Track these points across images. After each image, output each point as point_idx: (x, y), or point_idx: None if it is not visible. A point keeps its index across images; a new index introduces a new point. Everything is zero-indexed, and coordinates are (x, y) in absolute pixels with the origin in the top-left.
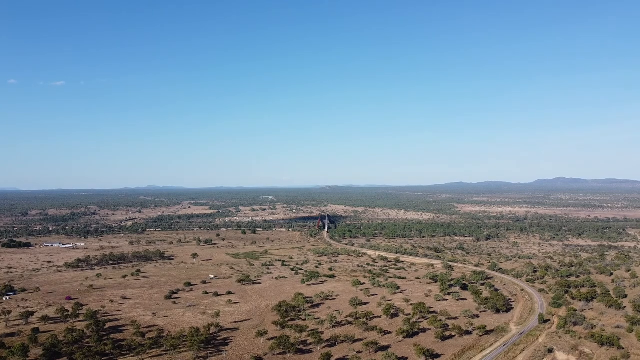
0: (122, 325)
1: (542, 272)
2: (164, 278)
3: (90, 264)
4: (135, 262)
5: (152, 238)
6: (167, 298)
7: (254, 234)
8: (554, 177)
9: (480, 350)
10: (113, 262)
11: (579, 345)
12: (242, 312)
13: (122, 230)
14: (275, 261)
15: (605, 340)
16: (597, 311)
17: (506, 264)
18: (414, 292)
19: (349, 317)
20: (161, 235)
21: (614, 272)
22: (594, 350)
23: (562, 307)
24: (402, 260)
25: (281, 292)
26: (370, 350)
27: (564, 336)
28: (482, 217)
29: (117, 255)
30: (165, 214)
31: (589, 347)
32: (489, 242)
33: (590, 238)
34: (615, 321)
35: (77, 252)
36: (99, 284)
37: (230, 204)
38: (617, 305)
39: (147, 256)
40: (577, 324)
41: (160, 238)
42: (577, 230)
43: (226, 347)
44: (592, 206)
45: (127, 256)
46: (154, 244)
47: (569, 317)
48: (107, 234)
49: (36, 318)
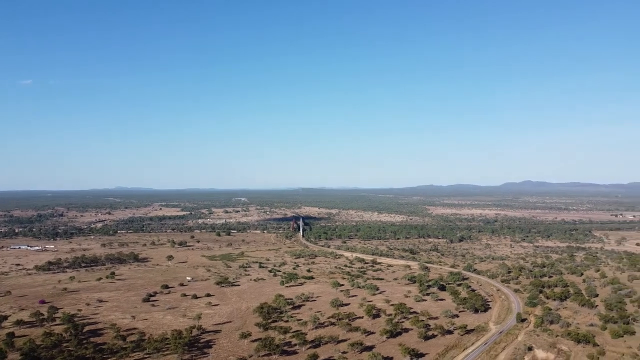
0: (101, 329)
1: (516, 273)
2: (140, 280)
3: (62, 267)
4: (109, 265)
5: (124, 240)
6: (145, 301)
7: (229, 235)
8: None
9: (462, 349)
10: (85, 264)
11: (556, 343)
12: (223, 314)
13: (93, 232)
14: (252, 263)
15: (582, 337)
16: (571, 310)
17: (481, 265)
18: (393, 293)
19: (331, 318)
20: (133, 237)
21: (584, 272)
22: (571, 348)
23: (537, 306)
24: (379, 262)
25: (261, 293)
26: (356, 350)
27: (542, 334)
28: (454, 219)
29: (89, 258)
30: (136, 216)
31: (566, 344)
32: (462, 243)
33: (558, 240)
34: (588, 319)
35: (46, 254)
36: (73, 287)
37: (203, 205)
38: (590, 304)
39: (120, 258)
40: (553, 322)
41: (133, 240)
42: (545, 232)
43: (210, 349)
44: (558, 209)
45: (100, 258)
46: (127, 246)
47: (545, 316)
48: (77, 236)
49: (10, 322)
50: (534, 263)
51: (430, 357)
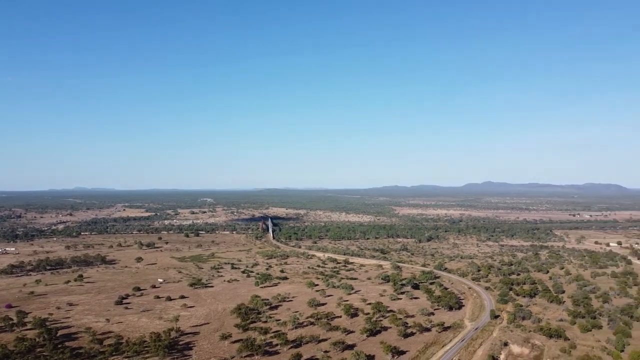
0: (75, 333)
1: (485, 271)
2: (110, 283)
3: (25, 270)
4: (75, 267)
5: (89, 242)
6: (117, 303)
7: (198, 237)
8: (483, 182)
9: (441, 345)
10: (51, 267)
11: (530, 338)
12: (200, 316)
13: (55, 234)
14: (224, 264)
15: (553, 332)
16: (540, 306)
17: (450, 264)
18: (368, 292)
19: (310, 318)
20: (98, 239)
21: (550, 269)
22: (544, 342)
23: (508, 303)
24: (351, 262)
25: (236, 294)
26: (337, 349)
27: (515, 330)
28: (420, 219)
29: (54, 260)
30: (99, 217)
31: (539, 339)
32: (430, 243)
33: (522, 238)
34: (558, 315)
35: (7, 257)
36: (40, 291)
37: (167, 206)
38: (558, 300)
39: (87, 261)
40: (525, 318)
41: (98, 242)
42: (509, 231)
43: (190, 351)
44: (519, 209)
45: (66, 261)
46: (93, 248)
47: (517, 313)
48: (38, 238)
49: None
50: (501, 261)
51: (411, 354)
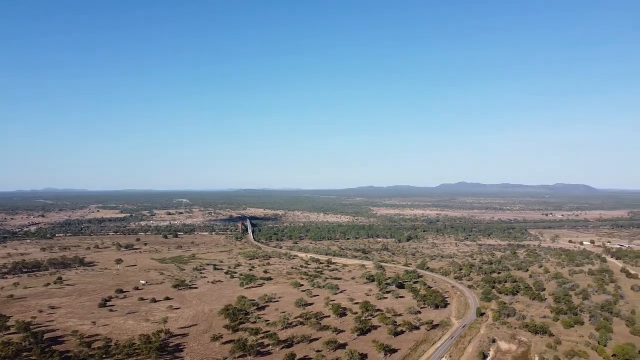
0: (61, 336)
1: (467, 270)
2: (91, 285)
3: (0, 273)
4: (53, 270)
5: (65, 244)
6: (101, 306)
7: (176, 237)
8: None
9: (432, 343)
10: (27, 270)
11: (516, 334)
12: (187, 318)
13: (28, 236)
14: (205, 265)
15: (538, 329)
16: (523, 303)
17: (432, 263)
18: (354, 292)
19: (299, 318)
20: (74, 241)
21: (529, 268)
22: (530, 339)
23: (492, 301)
24: (334, 262)
25: (221, 295)
26: (329, 348)
27: (501, 327)
28: (398, 219)
29: (30, 263)
30: (73, 218)
31: (525, 335)
32: (410, 243)
33: (498, 238)
34: (541, 312)
35: None
36: (19, 294)
37: (143, 207)
38: (540, 298)
39: (64, 263)
40: (510, 315)
41: (74, 243)
42: (486, 231)
43: (181, 352)
44: (493, 209)
45: (42, 263)
46: (69, 249)
47: (502, 310)
48: (10, 240)
49: None
50: (481, 260)
51: (403, 352)
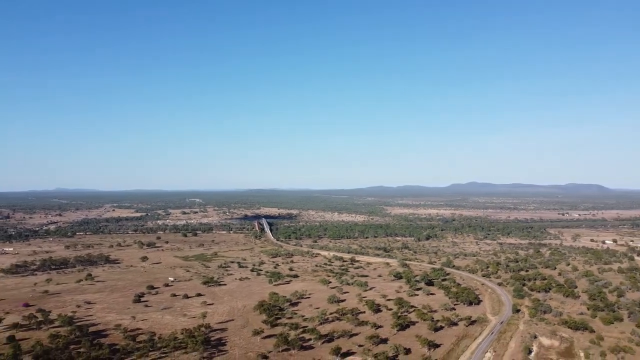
0: (103, 330)
1: (494, 268)
2: (121, 282)
3: (30, 270)
4: (80, 267)
5: (87, 242)
6: (135, 302)
7: (196, 236)
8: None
9: (473, 338)
10: (55, 267)
11: (556, 331)
12: (222, 313)
13: (49, 234)
14: (230, 263)
15: (579, 325)
16: (557, 301)
17: (456, 261)
18: (383, 289)
19: (334, 314)
20: (95, 239)
21: (557, 266)
22: (571, 335)
23: (524, 298)
24: (357, 260)
25: (251, 292)
26: (372, 343)
27: (540, 323)
28: (413, 218)
29: (58, 260)
30: (90, 217)
31: (565, 332)
32: (429, 241)
33: (518, 237)
34: (577, 309)
35: (7, 257)
36: (53, 290)
37: (157, 206)
38: (573, 295)
39: (91, 260)
40: (546, 312)
41: (96, 242)
42: (504, 230)
43: (224, 346)
44: (507, 208)
45: (69, 260)
46: (92, 247)
47: (538, 307)
48: (33, 238)
49: (4, 325)
50: (507, 259)
51: (446, 347)
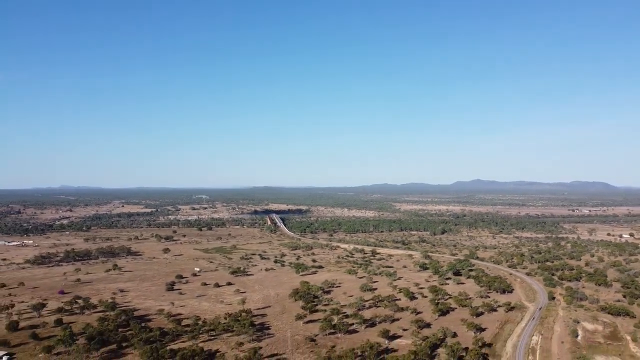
0: (146, 315)
1: (518, 259)
2: (149, 272)
3: (54, 261)
4: (103, 258)
5: (104, 235)
6: (168, 290)
7: (211, 230)
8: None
9: (516, 323)
10: (79, 258)
11: (596, 316)
12: (257, 300)
13: (64, 228)
14: (251, 255)
15: (620, 310)
16: (590, 289)
17: (478, 253)
18: (413, 279)
19: (370, 301)
20: (111, 233)
21: (582, 257)
22: (612, 320)
23: (556, 287)
24: (378, 252)
25: (280, 282)
26: (416, 327)
27: (579, 310)
28: (424, 214)
29: (81, 252)
30: (100, 213)
31: (606, 317)
32: (445, 235)
33: (533, 231)
34: (612, 296)
35: (29, 249)
36: (85, 279)
37: (165, 203)
38: (606, 283)
39: (113, 252)
40: (582, 299)
41: (113, 235)
42: (518, 224)
43: (269, 330)
44: (516, 205)
45: (92, 252)
46: (111, 240)
47: (573, 294)
48: (49, 232)
49: (49, 310)
50: (530, 250)
51: (492, 330)
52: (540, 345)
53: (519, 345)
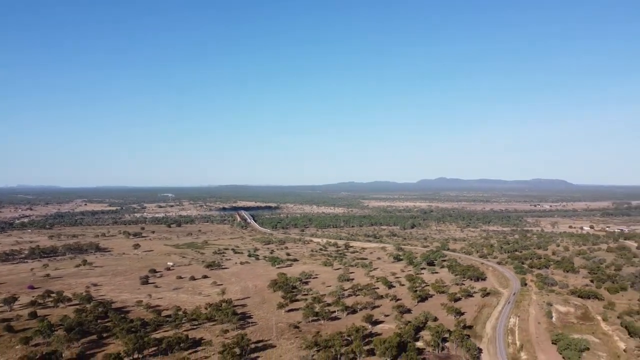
0: (124, 307)
1: (488, 249)
2: (121, 267)
3: (19, 257)
4: (71, 255)
5: (69, 232)
6: (143, 283)
7: (180, 227)
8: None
9: (493, 307)
10: (45, 255)
11: (568, 299)
12: (235, 292)
13: (25, 227)
14: (223, 250)
15: (589, 294)
16: (559, 275)
17: (450, 245)
18: (388, 269)
19: (349, 290)
20: (76, 230)
21: (548, 247)
22: (583, 303)
23: (527, 274)
24: (351, 245)
25: (256, 274)
26: (398, 312)
27: (550, 294)
28: (392, 210)
29: (47, 248)
30: (63, 211)
31: (576, 300)
32: (415, 230)
33: (499, 225)
34: (580, 282)
35: None
36: (55, 274)
37: (130, 201)
38: (573, 270)
39: (81, 249)
40: (553, 285)
41: (79, 232)
42: (484, 219)
43: (251, 319)
44: (481, 201)
45: (59, 249)
46: (76, 237)
47: (544, 280)
48: (10, 230)
49: (21, 304)
50: (499, 241)
51: (471, 314)
52: (518, 326)
53: (498, 327)
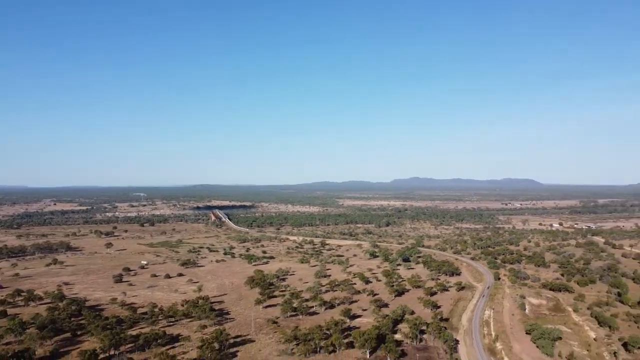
0: (98, 305)
1: (462, 246)
2: (93, 266)
3: None
4: (40, 254)
5: (38, 232)
6: (117, 281)
7: (153, 226)
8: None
9: (468, 300)
10: (13, 254)
11: (540, 292)
12: (211, 289)
13: None
14: (198, 248)
15: (560, 286)
16: (531, 270)
17: (424, 242)
18: (365, 266)
19: (327, 286)
20: (45, 230)
21: (520, 243)
22: (554, 295)
23: (500, 269)
24: (327, 243)
25: (233, 272)
26: (375, 306)
27: (523, 287)
28: (367, 209)
29: (15, 248)
30: (31, 211)
31: (548, 293)
32: (390, 227)
33: (472, 222)
34: (551, 275)
35: None
36: (24, 273)
37: (101, 200)
38: (544, 264)
39: (51, 248)
40: (525, 279)
41: (48, 232)
42: (457, 217)
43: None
44: (453, 200)
45: (27, 248)
46: (46, 237)
47: (516, 274)
48: None
49: None
50: (472, 237)
51: (447, 307)
52: (493, 318)
53: (474, 319)
